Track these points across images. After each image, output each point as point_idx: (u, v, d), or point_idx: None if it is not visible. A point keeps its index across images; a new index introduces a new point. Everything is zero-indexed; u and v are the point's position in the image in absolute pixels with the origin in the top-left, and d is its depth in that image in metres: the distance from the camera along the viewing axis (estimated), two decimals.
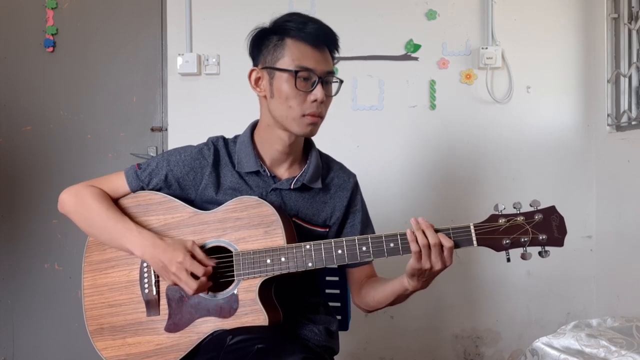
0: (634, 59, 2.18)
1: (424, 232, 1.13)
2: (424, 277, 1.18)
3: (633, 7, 2.17)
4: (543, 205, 1.15)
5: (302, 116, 1.24)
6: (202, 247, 1.24)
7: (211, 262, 1.21)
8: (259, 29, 1.29)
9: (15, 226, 2.48)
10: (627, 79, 2.20)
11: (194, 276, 1.19)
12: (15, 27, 2.47)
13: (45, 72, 2.47)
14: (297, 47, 1.22)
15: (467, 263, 2.36)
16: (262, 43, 1.28)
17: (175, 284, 1.21)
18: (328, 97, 1.26)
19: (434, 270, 1.15)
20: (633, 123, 2.16)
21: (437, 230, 1.15)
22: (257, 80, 1.29)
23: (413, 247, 1.13)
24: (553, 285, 2.37)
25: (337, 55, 1.31)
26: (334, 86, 1.29)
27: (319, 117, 1.26)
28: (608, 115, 2.26)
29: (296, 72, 1.21)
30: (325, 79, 1.25)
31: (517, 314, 2.39)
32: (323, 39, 1.24)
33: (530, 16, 2.35)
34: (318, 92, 1.23)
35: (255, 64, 1.31)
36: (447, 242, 1.12)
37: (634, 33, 2.18)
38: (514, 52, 2.34)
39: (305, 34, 1.22)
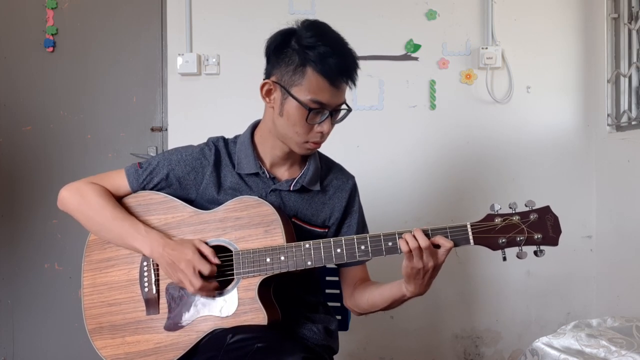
0: (634, 59, 2.18)
1: (414, 236, 1.14)
2: (420, 279, 1.17)
3: (633, 7, 2.17)
4: (538, 205, 1.17)
5: (305, 142, 1.26)
6: None
7: (216, 260, 1.21)
8: (283, 35, 1.25)
9: (15, 226, 2.48)
10: (627, 79, 2.20)
11: (201, 274, 1.19)
12: (15, 27, 2.47)
13: (45, 72, 2.47)
14: (316, 79, 1.20)
15: (466, 263, 2.36)
16: (282, 56, 1.23)
17: (180, 282, 1.22)
18: (333, 124, 1.27)
19: (428, 270, 1.15)
20: (633, 123, 2.16)
21: (434, 230, 1.16)
22: (269, 91, 1.27)
23: (403, 247, 1.15)
24: (553, 285, 2.37)
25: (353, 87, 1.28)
26: (342, 112, 1.28)
27: (320, 144, 1.29)
28: (608, 115, 2.26)
29: (310, 109, 1.20)
30: (335, 109, 1.25)
31: (517, 314, 2.39)
32: (342, 76, 1.22)
33: (530, 16, 2.36)
34: (325, 126, 1.24)
35: (268, 71, 1.28)
36: (447, 243, 1.14)
37: (634, 33, 2.18)
38: (514, 52, 2.34)
39: (327, 69, 1.19)
